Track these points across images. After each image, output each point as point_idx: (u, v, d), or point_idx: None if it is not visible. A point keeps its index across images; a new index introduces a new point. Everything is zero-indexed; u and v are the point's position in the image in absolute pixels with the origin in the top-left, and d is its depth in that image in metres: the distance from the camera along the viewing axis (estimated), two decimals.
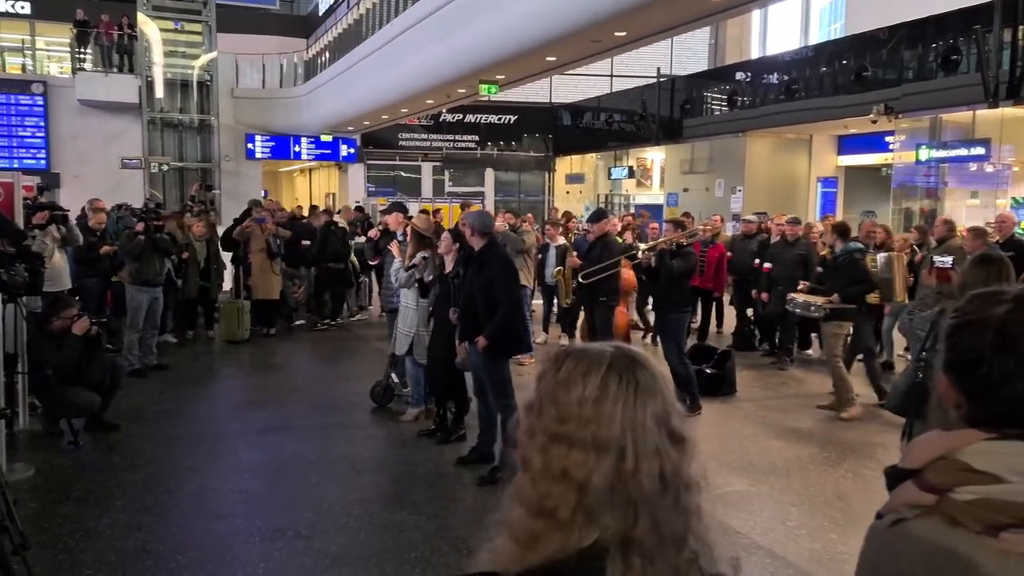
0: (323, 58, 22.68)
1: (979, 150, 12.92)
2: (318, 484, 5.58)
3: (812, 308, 7.43)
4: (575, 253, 9.10)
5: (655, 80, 20.32)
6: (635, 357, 1.09)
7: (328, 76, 20.62)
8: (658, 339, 7.99)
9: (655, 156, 22.65)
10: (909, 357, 7.83)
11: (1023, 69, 11.03)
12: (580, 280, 8.03)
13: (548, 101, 25.27)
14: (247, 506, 5.17)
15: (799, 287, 7.90)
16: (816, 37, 22.62)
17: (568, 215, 12.72)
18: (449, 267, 6.33)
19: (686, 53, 24.72)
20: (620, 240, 9.92)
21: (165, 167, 20.20)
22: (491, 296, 5.64)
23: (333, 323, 11.82)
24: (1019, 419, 1.13)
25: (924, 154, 13.70)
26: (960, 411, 1.19)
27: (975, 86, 11.40)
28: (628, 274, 8.93)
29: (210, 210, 13.50)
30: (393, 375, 7.54)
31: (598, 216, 8.37)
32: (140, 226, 8.80)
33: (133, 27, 20.39)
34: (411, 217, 7.80)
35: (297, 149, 23.13)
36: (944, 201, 14.21)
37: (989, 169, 13.38)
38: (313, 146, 23.14)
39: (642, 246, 7.87)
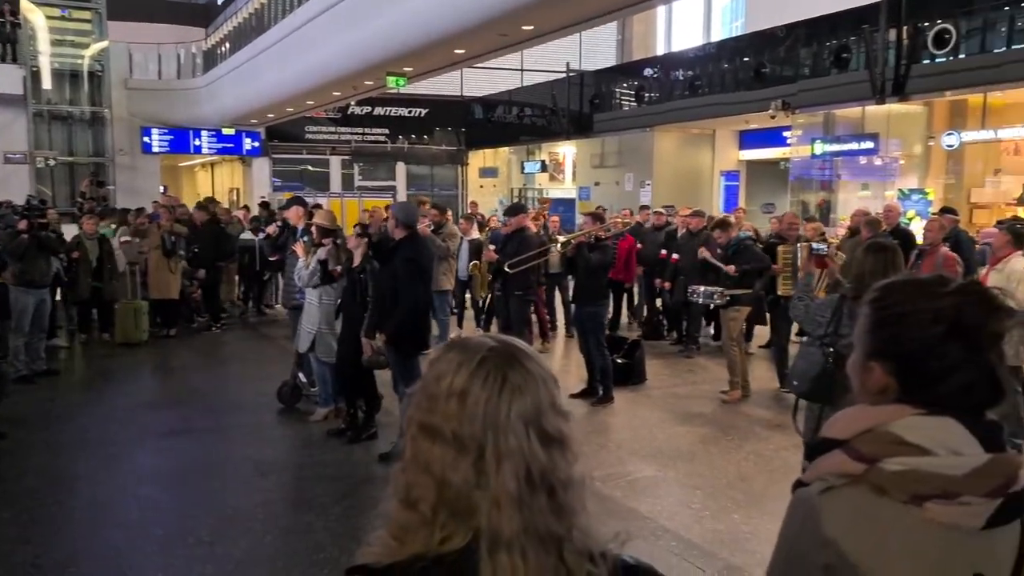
0: (223, 48, 21.91)
1: (868, 144, 13.59)
2: (221, 488, 5.39)
3: (715, 296, 7.67)
4: (492, 247, 9.10)
5: (564, 75, 20.51)
6: (513, 353, 1.05)
7: (229, 67, 19.94)
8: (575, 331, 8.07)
9: (567, 150, 22.89)
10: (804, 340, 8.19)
11: (907, 67, 11.65)
12: (507, 269, 8.03)
13: (459, 94, 25.16)
14: (144, 514, 4.95)
15: (729, 271, 8.09)
16: (718, 34, 23.31)
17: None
18: (357, 261, 6.22)
19: (594, 48, 25.04)
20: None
21: (52, 162, 19.10)
22: (396, 288, 5.61)
23: (217, 325, 11.39)
24: (957, 405, 1.16)
25: (819, 148, 14.31)
26: (886, 396, 1.21)
27: (864, 83, 11.98)
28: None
29: (103, 207, 12.85)
30: (300, 374, 7.35)
31: (515, 210, 8.52)
32: (23, 224, 8.28)
33: (16, 14, 19.17)
34: (312, 213, 7.62)
35: (197, 143, 22.28)
36: (838, 193, 14.88)
37: (878, 162, 14.09)
38: (214, 140, 22.33)
39: (561, 239, 7.91)
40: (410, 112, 24.41)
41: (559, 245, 7.66)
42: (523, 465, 0.99)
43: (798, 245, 7.78)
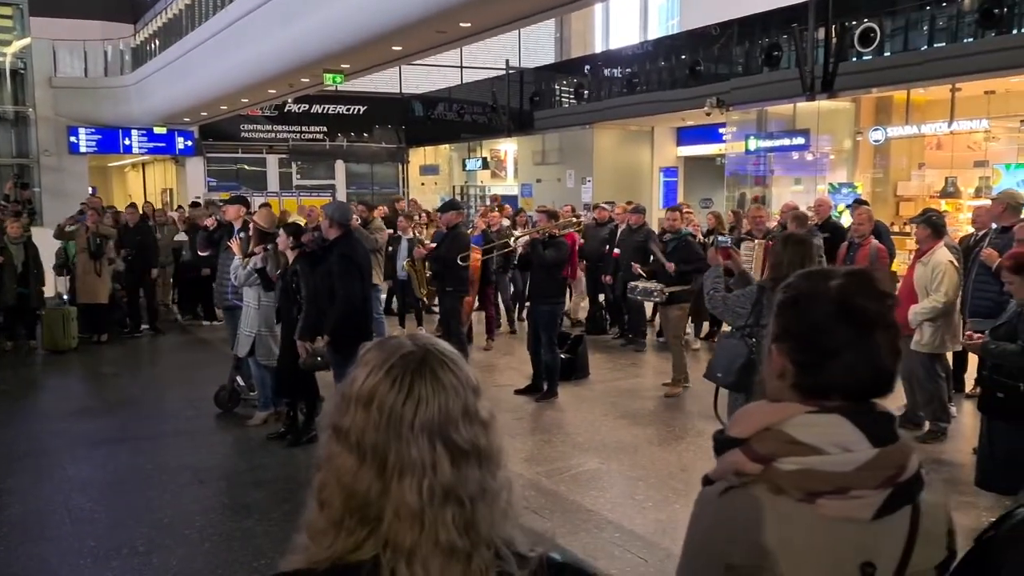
0: (153, 44, 21.29)
1: (799, 140, 13.95)
2: (157, 497, 5.25)
3: (654, 294, 7.75)
4: (430, 243, 9.08)
5: (504, 72, 20.53)
6: (425, 358, 1.01)
7: (160, 64, 19.40)
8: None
9: (508, 147, 22.91)
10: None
11: (835, 65, 12.00)
12: (460, 261, 7.99)
13: (399, 91, 24.96)
14: (76, 526, 4.78)
15: (635, 270, 8.21)
16: (655, 32, 23.63)
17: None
18: (290, 264, 6.13)
19: (533, 46, 25.13)
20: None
21: None
22: (331, 287, 5.56)
23: (150, 328, 11.07)
24: (844, 388, 1.21)
25: (752, 144, 14.63)
26: (785, 381, 1.26)
27: (795, 80, 12.29)
28: (475, 263, 9.02)
29: (27, 209, 12.35)
30: (238, 378, 7.20)
31: (448, 207, 8.51)
32: None
33: None
34: (253, 212, 7.47)
35: (127, 142, 21.61)
36: (772, 188, 15.25)
37: (809, 157, 14.48)
38: (145, 139, 21.70)
39: (516, 233, 7.94)
40: (349, 110, 24.11)
41: (512, 240, 7.66)
42: (426, 479, 0.95)
43: (755, 242, 7.93)
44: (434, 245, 8.78)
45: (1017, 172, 11.48)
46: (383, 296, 10.30)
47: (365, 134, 24.75)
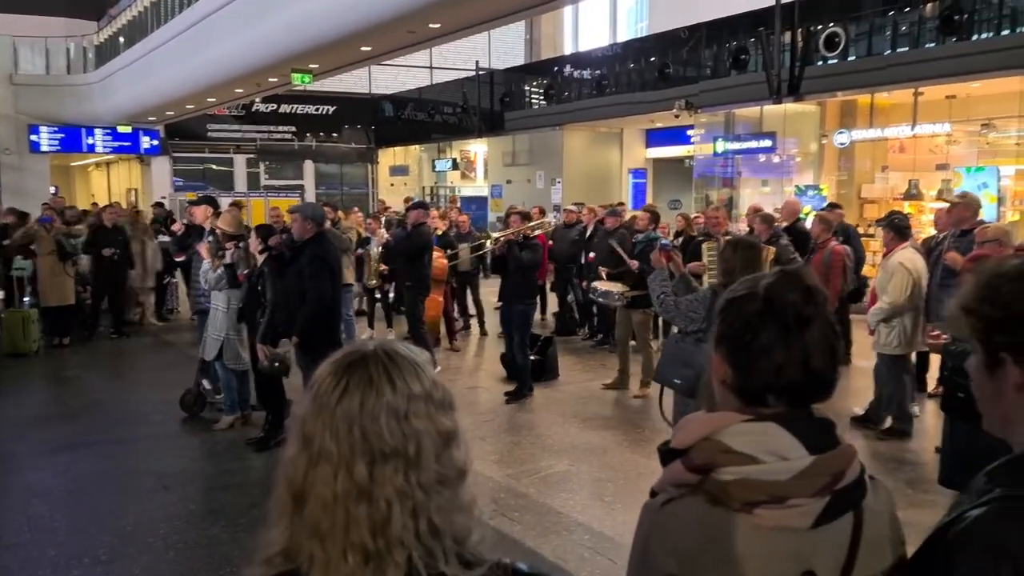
0: (118, 42, 20.92)
1: (767, 143, 14.11)
2: (120, 503, 5.16)
3: (616, 297, 7.71)
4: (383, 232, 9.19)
5: (474, 73, 20.51)
6: (366, 356, 1.04)
7: (124, 61, 19.08)
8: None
9: (478, 148, 22.89)
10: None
11: (801, 69, 12.16)
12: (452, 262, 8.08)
13: (368, 92, 24.81)
14: (36, 534, 4.69)
15: (600, 273, 8.22)
16: (624, 35, 23.76)
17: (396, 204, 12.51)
18: (258, 265, 6.07)
19: (504, 47, 25.15)
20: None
21: None
22: (303, 287, 5.51)
23: (115, 332, 10.90)
24: (778, 390, 1.21)
25: (720, 146, 14.78)
26: (726, 385, 1.26)
27: (761, 84, 12.42)
28: (440, 262, 9.04)
29: None
30: (204, 381, 7.11)
31: (417, 205, 8.79)
32: None
33: None
34: (219, 213, 7.39)
35: (91, 141, 21.21)
36: (740, 189, 15.41)
37: (776, 160, 14.66)
38: (110, 138, 21.31)
39: (494, 235, 7.95)
40: (317, 110, 23.91)
41: (489, 242, 7.67)
42: (340, 472, 0.98)
43: (721, 240, 7.98)
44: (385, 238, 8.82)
45: (977, 175, 11.72)
46: (354, 297, 10.24)
47: (334, 134, 24.57)
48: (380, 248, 9.50)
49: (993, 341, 1.07)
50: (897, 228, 6.17)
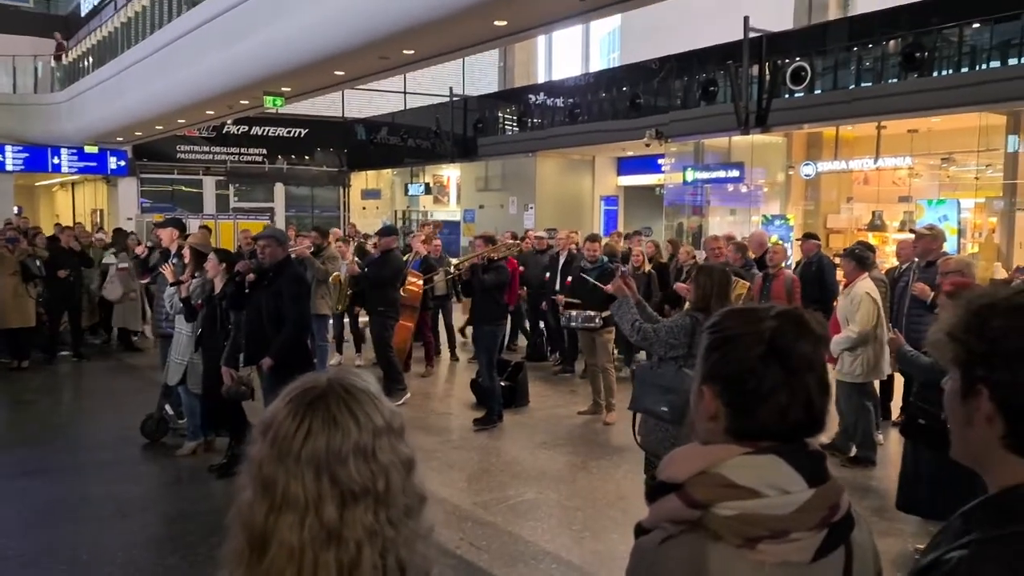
0: (87, 62, 20.73)
1: (735, 172, 14.34)
2: (76, 532, 5.01)
3: (596, 320, 7.69)
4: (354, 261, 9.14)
5: (448, 99, 20.61)
6: (326, 393, 1.00)
7: (93, 81, 18.88)
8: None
9: (451, 173, 22.95)
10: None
11: (768, 101, 12.40)
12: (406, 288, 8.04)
13: (341, 115, 24.79)
14: None
15: (559, 300, 8.22)
16: (597, 64, 24.08)
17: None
18: (218, 289, 5.99)
19: (477, 74, 25.34)
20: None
21: None
22: (279, 311, 5.44)
23: (73, 354, 10.69)
24: (778, 431, 1.19)
25: (690, 175, 14.98)
26: (717, 423, 1.23)
27: (730, 115, 12.64)
28: (413, 288, 9.01)
29: None
30: (167, 406, 6.97)
31: (386, 232, 8.77)
32: None
33: None
34: (188, 235, 7.30)
35: (56, 161, 20.90)
36: (709, 218, 15.61)
37: (744, 189, 14.89)
38: (76, 158, 21.01)
39: (455, 260, 7.94)
40: (289, 132, 23.82)
41: (453, 267, 7.66)
42: (308, 517, 0.94)
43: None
44: (356, 268, 8.77)
45: (939, 208, 11.99)
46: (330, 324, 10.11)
47: (306, 156, 24.47)
48: (348, 274, 9.39)
49: (973, 372, 1.06)
50: (858, 258, 6.28)
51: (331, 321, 9.82)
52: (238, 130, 22.78)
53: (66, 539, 4.89)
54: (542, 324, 10.83)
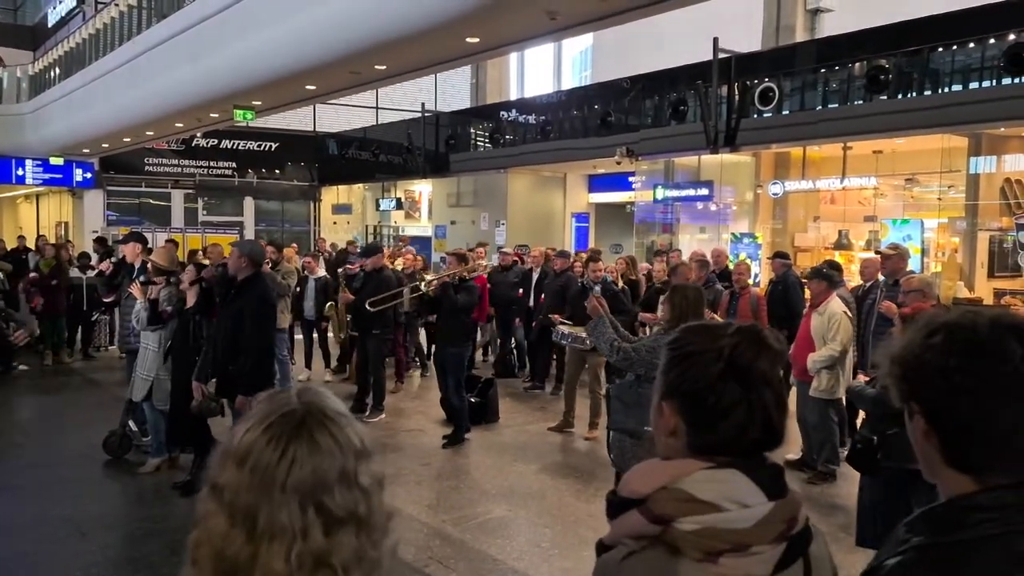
0: (53, 73, 20.44)
1: (704, 191, 14.49)
2: (33, 552, 4.88)
3: (587, 340, 7.63)
4: (347, 290, 8.96)
5: (420, 114, 20.63)
6: (304, 419, 0.98)
7: (59, 93, 18.61)
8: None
9: (423, 188, 22.93)
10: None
11: (737, 121, 12.58)
12: (368, 308, 7.92)
13: (312, 129, 24.68)
14: None
15: (556, 320, 8.22)
16: (568, 82, 24.27)
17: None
18: (191, 302, 5.90)
19: (450, 90, 25.39)
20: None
21: None
22: (239, 329, 5.33)
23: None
24: (737, 447, 1.21)
25: (660, 193, 15.11)
26: (677, 438, 1.24)
27: (699, 134, 12.80)
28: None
29: None
30: (131, 423, 6.84)
31: (372, 250, 8.71)
32: None
33: None
34: (151, 249, 7.19)
35: (20, 172, 20.52)
36: (678, 235, 15.74)
37: (713, 208, 15.05)
38: (41, 169, 20.65)
39: (428, 277, 7.87)
40: (260, 146, 23.64)
41: (423, 284, 7.58)
42: (295, 545, 0.91)
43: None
44: (351, 296, 8.64)
45: (903, 227, 12.22)
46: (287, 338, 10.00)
47: (277, 171, 24.29)
48: (343, 303, 9.21)
49: (906, 391, 1.11)
50: (828, 278, 6.41)
51: (287, 336, 9.70)
52: (208, 143, 22.56)
53: (20, 560, 4.76)
54: (512, 340, 10.82)
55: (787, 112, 12.73)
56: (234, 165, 23.36)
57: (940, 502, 1.09)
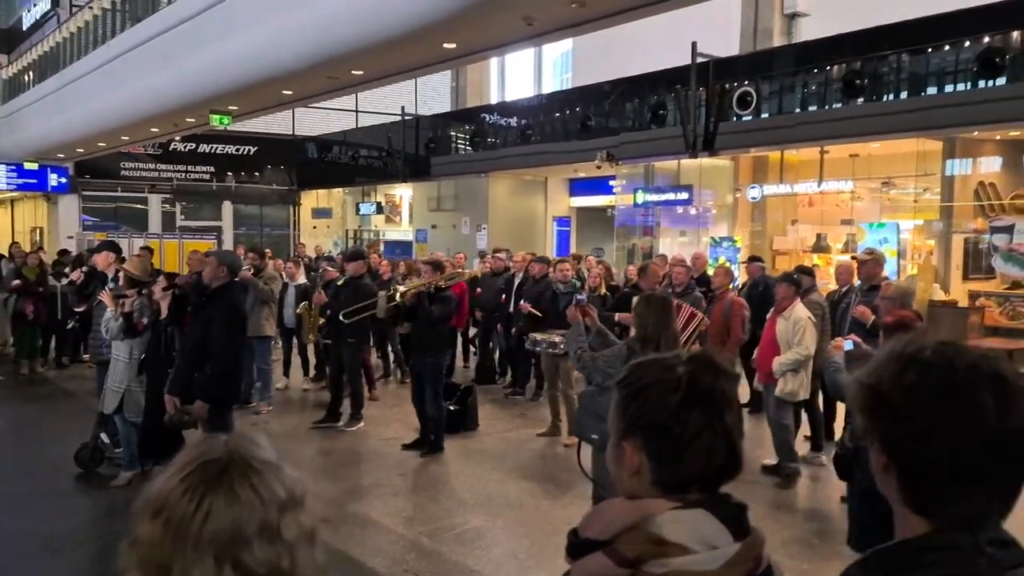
0: (28, 76, 20.18)
1: (684, 195, 14.53)
2: (2, 570, 4.77)
3: (560, 345, 7.62)
4: (321, 292, 8.89)
5: (400, 118, 20.57)
6: (227, 468, 0.94)
7: (34, 96, 18.40)
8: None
9: (403, 192, 22.85)
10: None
11: (716, 125, 12.63)
12: (342, 319, 7.88)
13: (291, 133, 24.53)
14: None
15: (524, 309, 8.22)
16: (549, 85, 24.27)
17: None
18: (164, 313, 5.82)
19: (430, 93, 25.31)
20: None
21: None
22: (207, 338, 5.27)
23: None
24: (703, 476, 1.19)
25: (640, 197, 15.14)
26: (641, 477, 1.21)
27: (679, 138, 12.84)
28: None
29: None
30: (103, 435, 6.73)
31: (354, 256, 8.63)
32: None
33: None
34: (124, 259, 7.09)
35: None
36: (659, 239, 15.78)
37: (693, 212, 15.10)
38: (14, 174, 20.38)
39: (401, 288, 7.77)
40: (238, 150, 23.46)
41: (397, 295, 7.49)
42: None
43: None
44: (325, 298, 8.56)
45: (879, 231, 12.31)
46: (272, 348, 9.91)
47: (256, 173, 24.10)
48: (317, 303, 9.12)
49: (868, 424, 1.08)
50: (796, 283, 6.55)
51: (273, 343, 9.63)
52: (185, 147, 22.36)
53: None
54: (491, 345, 10.78)
55: (765, 115, 12.80)
56: (212, 169, 23.16)
57: (895, 542, 1.07)
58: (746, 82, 12.77)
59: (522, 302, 8.89)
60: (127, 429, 6.27)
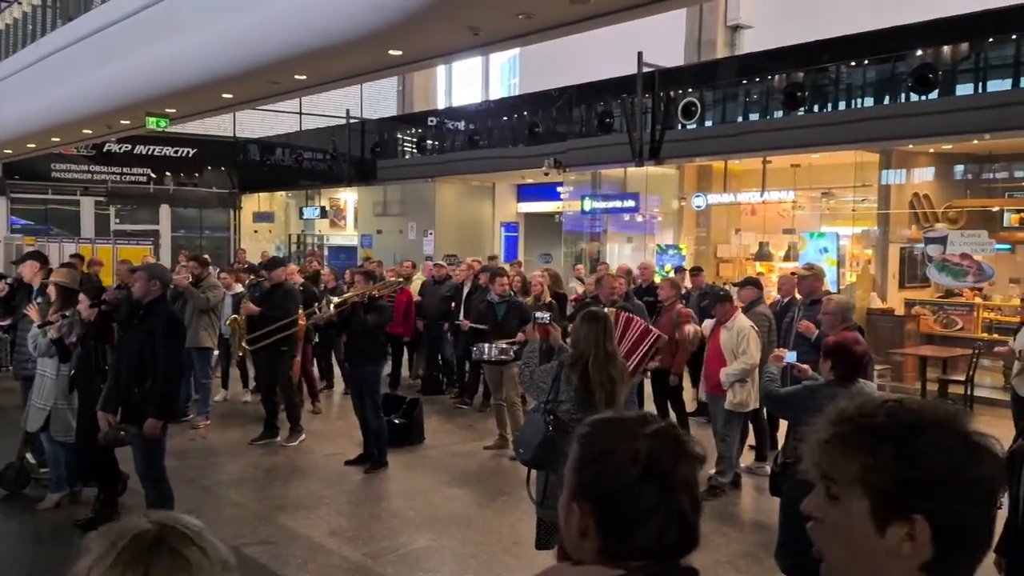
0: None
1: (630, 202, 14.64)
2: None
3: (510, 352, 7.53)
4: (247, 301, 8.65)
5: (345, 121, 20.27)
6: (160, 537, 0.90)
7: None
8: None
9: (348, 197, 22.52)
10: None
11: (661, 133, 12.73)
12: (245, 344, 7.74)
13: (232, 135, 23.96)
14: None
15: (464, 326, 8.16)
16: (496, 90, 24.23)
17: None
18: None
19: (376, 97, 25.00)
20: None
21: None
22: (146, 353, 5.06)
23: None
24: (653, 553, 1.14)
25: (588, 204, 15.19)
26: (587, 541, 1.17)
27: (625, 146, 12.91)
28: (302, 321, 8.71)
29: None
30: (28, 454, 6.41)
31: (275, 264, 8.51)
32: None
33: None
34: (52, 268, 6.78)
35: None
36: (606, 245, 15.86)
37: (639, 219, 15.21)
38: None
39: (335, 299, 7.60)
40: (177, 152, 22.80)
41: (332, 306, 7.34)
42: None
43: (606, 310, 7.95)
44: (255, 307, 8.31)
45: (819, 240, 12.58)
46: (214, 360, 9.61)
47: (196, 174, 23.46)
48: (245, 315, 8.85)
49: (815, 473, 1.07)
50: (730, 298, 6.82)
51: (216, 353, 9.37)
52: (121, 148, 21.62)
53: None
54: (440, 356, 10.66)
55: (709, 124, 12.95)
56: (149, 171, 22.45)
57: None
58: (691, 91, 12.91)
59: (461, 320, 8.90)
60: (54, 449, 5.99)
